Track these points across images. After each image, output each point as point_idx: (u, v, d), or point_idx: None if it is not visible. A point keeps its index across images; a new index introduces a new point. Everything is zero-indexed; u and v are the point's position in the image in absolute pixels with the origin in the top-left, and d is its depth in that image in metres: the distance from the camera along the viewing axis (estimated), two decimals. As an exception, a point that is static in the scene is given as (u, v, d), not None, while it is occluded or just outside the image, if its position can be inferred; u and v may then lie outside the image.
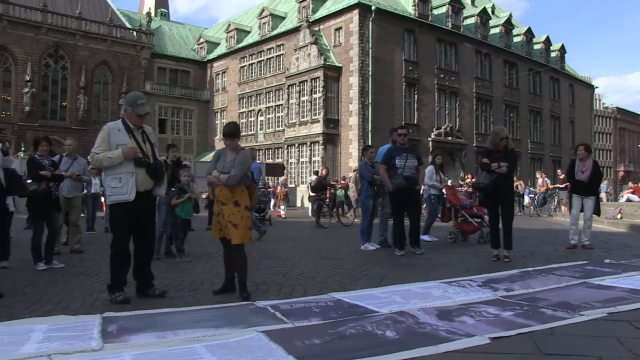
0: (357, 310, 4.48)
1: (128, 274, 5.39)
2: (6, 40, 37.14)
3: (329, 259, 8.36)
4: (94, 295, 5.47)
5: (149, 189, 5.31)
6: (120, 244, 5.31)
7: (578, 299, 4.67)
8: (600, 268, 6.65)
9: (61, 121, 39.26)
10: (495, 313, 4.23)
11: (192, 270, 7.21)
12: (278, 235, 13.07)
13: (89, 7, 42.73)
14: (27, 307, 4.92)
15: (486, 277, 6.09)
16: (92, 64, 40.72)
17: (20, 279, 6.56)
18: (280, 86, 39.21)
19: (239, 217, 5.38)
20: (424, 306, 4.53)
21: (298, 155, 35.79)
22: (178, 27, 52.39)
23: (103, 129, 5.40)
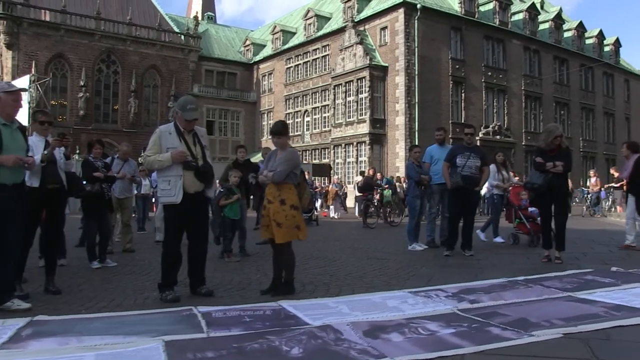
0: (289, 322, 4.26)
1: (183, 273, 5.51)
2: (63, 48, 38.41)
3: (376, 259, 8.32)
4: (145, 294, 5.60)
5: (199, 191, 5.39)
6: (171, 244, 5.42)
7: (542, 315, 4.19)
8: (600, 278, 5.97)
9: (113, 124, 40.28)
10: (434, 330, 3.87)
11: (240, 270, 7.29)
12: (325, 235, 13.08)
13: (139, 13, 43.71)
14: (84, 304, 5.08)
15: (461, 287, 5.58)
16: (142, 68, 41.64)
17: (76, 276, 6.78)
18: (326, 86, 39.26)
19: (283, 216, 5.38)
20: (358, 320, 4.21)
21: (345, 155, 35.76)
22: (224, 30, 53.07)
23: (155, 132, 5.55)
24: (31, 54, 36.91)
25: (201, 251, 5.58)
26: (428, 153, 10.14)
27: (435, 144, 10.23)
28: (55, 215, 5.95)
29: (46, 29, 37.85)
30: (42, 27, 37.74)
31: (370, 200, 16.69)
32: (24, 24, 36.97)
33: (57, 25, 38.06)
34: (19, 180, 4.89)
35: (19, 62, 36.66)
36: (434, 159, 9.91)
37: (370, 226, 15.65)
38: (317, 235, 12.26)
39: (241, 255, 8.72)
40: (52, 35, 37.97)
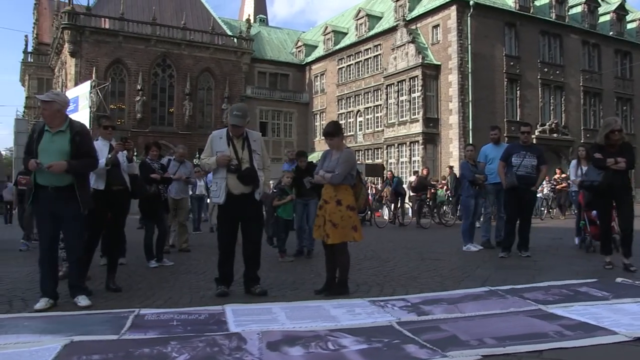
0: (211, 327, 4.21)
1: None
2: (121, 54, 39.58)
3: (430, 259, 8.26)
4: (200, 293, 5.73)
5: (245, 193, 5.54)
6: (221, 242, 5.70)
7: (481, 332, 3.85)
8: (595, 291, 5.35)
9: (169, 126, 41.17)
10: (345, 345, 3.65)
11: (294, 270, 7.37)
12: (379, 235, 13.05)
13: (193, 18, 44.56)
14: (142, 302, 5.24)
15: (426, 297, 5.25)
16: (196, 71, 42.42)
17: (135, 275, 7.01)
18: (378, 86, 39.11)
19: (339, 217, 5.45)
20: (277, 329, 4.10)
21: (398, 155, 35.55)
22: (276, 32, 53.51)
23: (209, 136, 5.81)
24: (92, 61, 38.16)
25: (252, 251, 5.69)
26: (483, 152, 9.99)
27: (490, 143, 10.08)
28: (118, 216, 6.18)
29: (106, 36, 39.07)
30: (102, 35, 38.98)
31: (424, 200, 16.55)
32: (86, 32, 38.26)
33: (116, 32, 39.24)
34: (59, 183, 5.05)
35: (81, 68, 37.96)
36: (488, 159, 9.76)
37: (424, 226, 15.52)
38: (371, 236, 12.23)
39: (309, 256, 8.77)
40: (111, 42, 39.16)
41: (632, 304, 4.71)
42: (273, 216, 8.92)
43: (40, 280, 5.14)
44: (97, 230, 5.99)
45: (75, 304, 4.99)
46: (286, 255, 8.48)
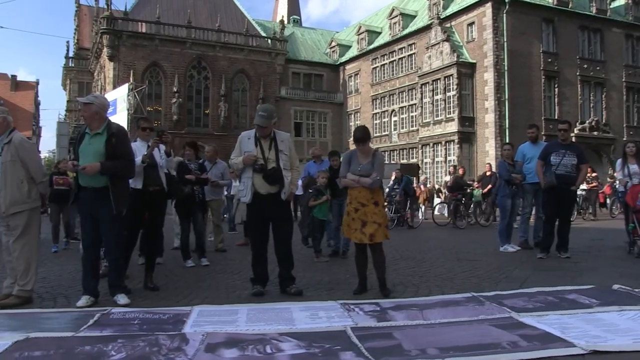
0: (165, 327, 4.22)
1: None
2: (157, 57, 40.20)
3: (467, 260, 8.17)
4: (237, 292, 5.79)
5: (272, 192, 5.59)
6: (253, 242, 5.85)
7: (429, 342, 3.70)
8: (584, 298, 5.02)
9: (204, 128, 41.63)
10: (283, 349, 3.64)
11: (329, 270, 7.36)
12: (414, 236, 12.97)
13: (227, 20, 44.97)
14: (179, 301, 5.32)
15: (400, 302, 5.10)
16: (231, 72, 42.80)
17: (172, 274, 7.10)
18: (413, 85, 38.86)
19: (381, 216, 5.62)
20: (222, 331, 4.08)
21: (433, 154, 35.29)
22: (310, 33, 53.65)
23: (239, 137, 5.90)
24: (129, 64, 38.85)
25: (283, 251, 5.74)
26: (520, 151, 9.82)
27: (527, 142, 9.91)
28: (156, 216, 6.28)
29: (142, 39, 39.71)
30: (139, 39, 39.64)
31: (460, 200, 16.36)
32: (124, 37, 38.97)
33: (152, 35, 39.86)
34: (96, 184, 5.16)
35: (119, 72, 38.69)
36: (526, 158, 9.60)
37: (460, 227, 15.36)
38: (407, 236, 12.17)
39: (344, 256, 8.77)
40: (148, 46, 39.78)
41: (613, 313, 4.41)
42: (308, 216, 8.92)
43: (82, 278, 5.28)
44: (135, 230, 6.11)
45: (115, 303, 5.09)
46: (322, 255, 8.49)
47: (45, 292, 5.79)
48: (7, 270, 5.48)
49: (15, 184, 5.24)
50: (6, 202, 5.22)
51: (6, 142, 5.31)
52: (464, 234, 13.71)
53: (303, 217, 8.85)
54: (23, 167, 5.29)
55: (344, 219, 5.84)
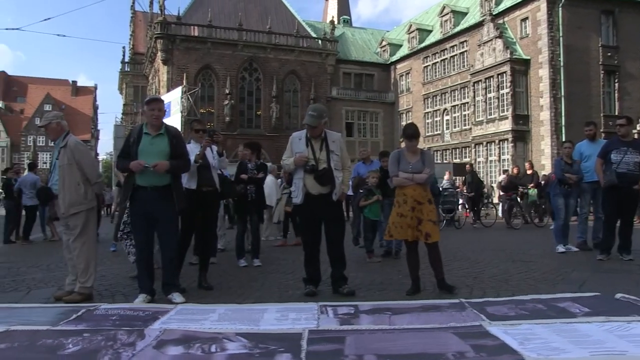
0: (136, 323, 4.28)
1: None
2: (210, 60, 40.93)
3: (522, 261, 7.99)
4: (289, 292, 5.81)
5: (324, 193, 5.59)
6: (305, 242, 5.84)
7: (372, 348, 3.56)
8: (574, 308, 4.62)
9: (256, 129, 42.07)
10: (226, 348, 3.61)
11: (382, 271, 7.32)
12: (467, 236, 12.78)
13: (278, 21, 45.35)
14: (233, 300, 5.36)
15: (376, 305, 4.95)
16: (282, 74, 43.15)
17: (225, 274, 7.19)
18: (465, 84, 38.33)
19: (435, 215, 5.68)
20: (181, 328, 4.10)
21: (486, 153, 34.69)
22: (360, 32, 53.54)
23: (290, 138, 5.93)
24: (182, 67, 39.65)
25: (335, 251, 5.73)
26: (577, 150, 9.52)
27: (585, 140, 9.61)
28: (209, 217, 6.38)
29: (195, 43, 40.47)
30: (191, 42, 40.42)
31: (515, 200, 16.04)
32: (177, 41, 39.84)
33: (205, 39, 40.58)
34: (159, 183, 5.28)
35: (173, 75, 39.56)
36: (584, 156, 9.31)
37: (515, 227, 15.06)
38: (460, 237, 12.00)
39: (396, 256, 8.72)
40: (201, 49, 40.52)
41: (594, 324, 4.06)
42: (359, 216, 8.89)
43: (137, 278, 5.42)
44: (188, 230, 6.22)
45: (170, 301, 5.18)
46: (374, 255, 8.45)
47: (104, 289, 5.96)
48: (69, 268, 5.71)
49: (73, 186, 5.44)
50: (65, 203, 5.43)
51: (62, 145, 5.53)
52: (518, 234, 13.43)
53: (354, 217, 8.83)
54: (79, 170, 5.48)
55: (393, 219, 5.75)
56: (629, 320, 4.06)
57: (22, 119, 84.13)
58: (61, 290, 5.68)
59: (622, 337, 3.62)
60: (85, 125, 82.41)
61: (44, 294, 5.77)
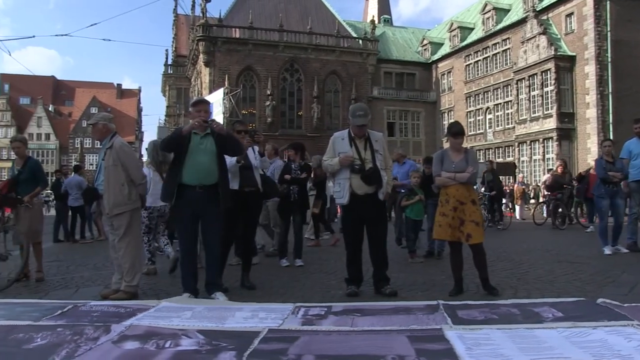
0: (112, 320, 4.36)
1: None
2: (251, 61, 41.38)
3: (568, 262, 7.81)
4: (331, 292, 5.80)
5: (369, 193, 5.56)
6: (347, 243, 5.78)
7: (314, 349, 3.56)
8: (548, 313, 4.43)
9: (298, 129, 42.31)
10: (179, 344, 3.66)
11: (424, 271, 7.26)
12: (511, 236, 12.58)
13: (318, 22, 45.46)
14: (275, 299, 5.38)
15: (347, 306, 4.90)
16: (323, 74, 43.28)
17: (267, 273, 7.22)
18: (508, 82, 37.74)
19: (479, 215, 5.59)
20: (145, 324, 4.16)
21: (530, 152, 34.07)
22: (401, 31, 53.27)
23: (331, 138, 5.90)
24: (224, 69, 40.16)
25: (378, 252, 5.70)
26: (626, 148, 9.25)
27: (634, 138, 9.33)
28: (251, 217, 6.43)
29: (236, 45, 40.96)
30: (233, 44, 40.93)
31: (560, 200, 15.69)
32: (219, 43, 40.40)
33: (246, 40, 41.02)
34: (206, 182, 5.35)
35: (215, 77, 40.10)
36: (632, 154, 9.04)
37: (560, 227, 14.74)
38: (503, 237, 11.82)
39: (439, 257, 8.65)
40: (242, 50, 40.97)
41: (555, 330, 3.90)
42: (401, 216, 8.84)
43: (181, 277, 5.49)
44: (231, 230, 6.26)
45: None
46: (416, 255, 8.39)
47: (149, 288, 6.07)
48: (114, 267, 5.84)
49: (117, 186, 5.57)
50: (109, 204, 5.56)
51: (108, 147, 5.68)
52: (563, 234, 13.15)
53: (396, 217, 8.78)
54: (123, 171, 5.60)
55: (436, 219, 5.72)
56: (594, 326, 3.92)
57: (70, 121, 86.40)
58: (107, 289, 5.83)
59: (576, 344, 3.53)
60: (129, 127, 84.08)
61: (91, 292, 5.90)
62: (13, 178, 6.89)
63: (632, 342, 3.49)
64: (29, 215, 6.77)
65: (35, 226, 6.92)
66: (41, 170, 7.24)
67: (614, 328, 3.84)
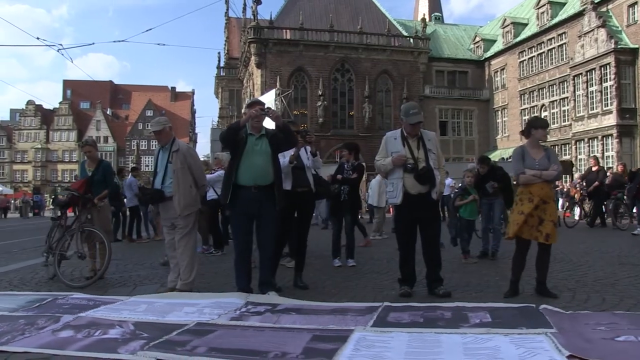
0: (73, 310, 4.73)
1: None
2: (302, 62, 41.64)
3: (631, 265, 7.53)
4: (384, 292, 5.76)
5: (423, 192, 5.50)
6: (400, 243, 5.77)
7: (215, 342, 3.74)
8: (478, 318, 4.35)
9: (349, 129, 42.30)
10: (106, 332, 3.99)
11: (478, 272, 7.13)
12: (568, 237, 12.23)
13: (368, 21, 45.31)
14: (327, 299, 5.39)
15: (288, 306, 4.97)
16: (374, 74, 43.13)
17: (320, 273, 7.23)
18: (564, 78, 36.73)
19: (556, 215, 5.52)
20: (90, 315, 4.57)
21: (588, 150, 33.05)
22: (453, 29, 52.51)
23: (383, 138, 5.88)
24: (276, 70, 40.52)
25: (431, 252, 5.64)
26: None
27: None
28: (304, 217, 6.45)
29: (287, 46, 41.26)
30: (284, 45, 41.24)
31: (621, 200, 15.16)
32: (270, 44, 40.79)
33: (297, 41, 41.28)
34: (261, 182, 5.41)
35: (266, 78, 40.49)
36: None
37: (621, 228, 14.23)
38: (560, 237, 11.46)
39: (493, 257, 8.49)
40: (293, 51, 41.25)
41: (458, 335, 3.86)
42: (455, 216, 8.71)
43: (235, 277, 5.58)
44: (284, 230, 6.29)
45: None
46: (470, 256, 8.26)
47: (203, 287, 6.14)
48: (171, 266, 5.98)
49: (187, 188, 5.77)
50: (181, 205, 5.72)
51: (174, 150, 5.85)
52: (625, 235, 12.68)
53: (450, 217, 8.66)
54: (190, 173, 5.80)
55: (514, 217, 5.49)
56: (506, 333, 3.84)
57: (127, 124, 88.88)
58: (164, 287, 5.97)
59: (468, 350, 3.49)
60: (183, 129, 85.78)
61: (148, 290, 6.03)
62: (87, 179, 7.13)
63: (520, 349, 3.44)
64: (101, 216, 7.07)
65: (107, 226, 7.21)
66: (112, 173, 7.58)
67: (523, 336, 3.77)
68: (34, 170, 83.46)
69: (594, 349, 3.41)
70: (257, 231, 5.57)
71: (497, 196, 8.64)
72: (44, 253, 7.17)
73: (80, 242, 6.75)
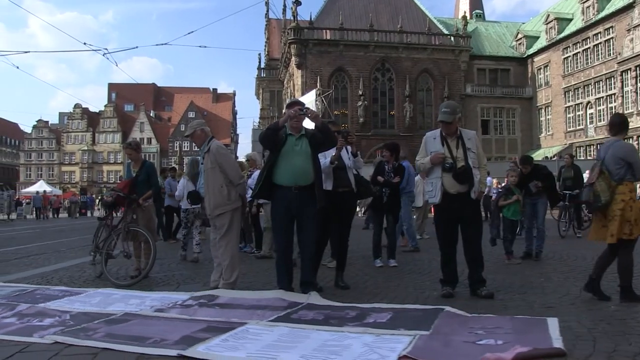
0: (38, 300, 5.29)
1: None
2: (342, 62, 41.69)
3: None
4: (425, 293, 5.73)
5: (462, 191, 5.46)
6: (441, 243, 5.71)
7: (117, 329, 4.13)
8: (374, 318, 4.37)
9: (390, 129, 42.15)
10: (42, 320, 4.41)
11: (522, 273, 7.01)
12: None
13: (408, 20, 45.07)
14: (369, 300, 5.38)
15: (225, 300, 5.17)
16: (414, 73, 42.87)
17: (361, 273, 7.25)
18: (611, 74, 35.83)
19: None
20: (46, 306, 5.00)
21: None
22: (494, 26, 51.72)
23: (423, 138, 5.88)
24: (316, 71, 40.67)
25: (473, 252, 5.59)
26: None
27: None
28: (345, 217, 6.45)
29: (327, 46, 41.38)
30: (324, 46, 41.37)
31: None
32: (310, 45, 40.97)
33: (337, 41, 41.36)
34: (302, 182, 5.44)
35: (307, 79, 40.69)
36: None
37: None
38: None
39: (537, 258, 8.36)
40: (333, 52, 41.34)
41: (327, 333, 3.94)
42: (498, 216, 8.61)
43: (277, 277, 5.63)
44: (325, 230, 6.31)
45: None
46: (513, 257, 8.15)
47: (245, 287, 6.16)
48: (214, 265, 6.08)
49: (217, 188, 5.79)
50: (210, 205, 5.81)
51: (206, 150, 5.92)
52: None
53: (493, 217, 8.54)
54: (222, 173, 5.81)
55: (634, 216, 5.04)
56: (377, 334, 3.87)
57: (170, 126, 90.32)
58: (206, 287, 6.06)
59: (321, 347, 3.59)
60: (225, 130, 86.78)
61: (191, 289, 6.08)
62: (132, 180, 7.29)
63: (365, 348, 3.52)
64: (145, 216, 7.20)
65: (151, 226, 7.35)
66: (155, 174, 7.64)
67: (390, 337, 3.80)
68: (80, 171, 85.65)
69: (439, 352, 3.45)
70: (297, 231, 5.62)
71: (540, 196, 8.51)
72: (92, 252, 7.37)
73: (126, 242, 6.93)
